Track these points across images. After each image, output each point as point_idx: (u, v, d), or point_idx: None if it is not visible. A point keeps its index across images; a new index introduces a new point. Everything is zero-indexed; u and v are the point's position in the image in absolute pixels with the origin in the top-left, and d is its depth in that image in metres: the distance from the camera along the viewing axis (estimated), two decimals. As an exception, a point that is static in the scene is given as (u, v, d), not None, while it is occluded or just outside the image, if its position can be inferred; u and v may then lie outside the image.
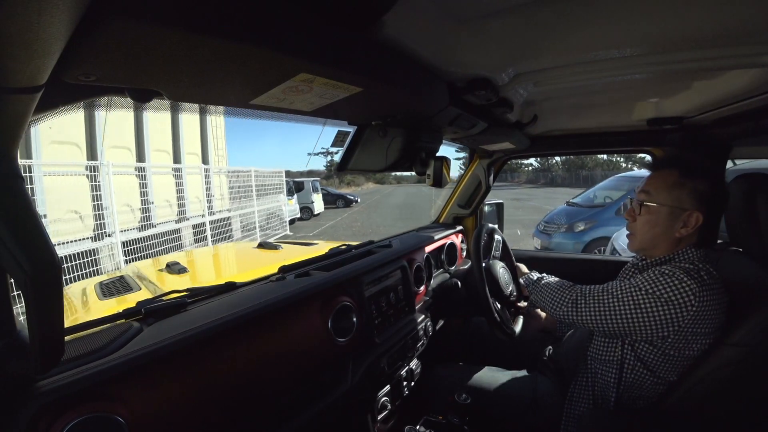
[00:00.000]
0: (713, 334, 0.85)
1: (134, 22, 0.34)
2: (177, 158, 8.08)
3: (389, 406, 1.23)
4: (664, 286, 0.84)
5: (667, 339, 0.85)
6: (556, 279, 1.12)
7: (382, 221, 12.44)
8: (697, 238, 0.92)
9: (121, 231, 5.30)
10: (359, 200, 19.34)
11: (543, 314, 1.34)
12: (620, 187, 5.81)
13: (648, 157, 1.63)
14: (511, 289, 1.38)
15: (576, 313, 0.95)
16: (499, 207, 2.10)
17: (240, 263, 2.10)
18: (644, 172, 1.06)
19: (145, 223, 6.37)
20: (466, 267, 1.51)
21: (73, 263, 4.34)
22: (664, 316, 0.83)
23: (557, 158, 44.19)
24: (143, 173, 6.19)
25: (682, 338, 0.84)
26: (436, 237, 1.72)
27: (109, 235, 5.09)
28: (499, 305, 1.31)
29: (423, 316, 1.43)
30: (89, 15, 0.32)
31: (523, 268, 1.40)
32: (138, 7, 0.34)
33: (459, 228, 2.00)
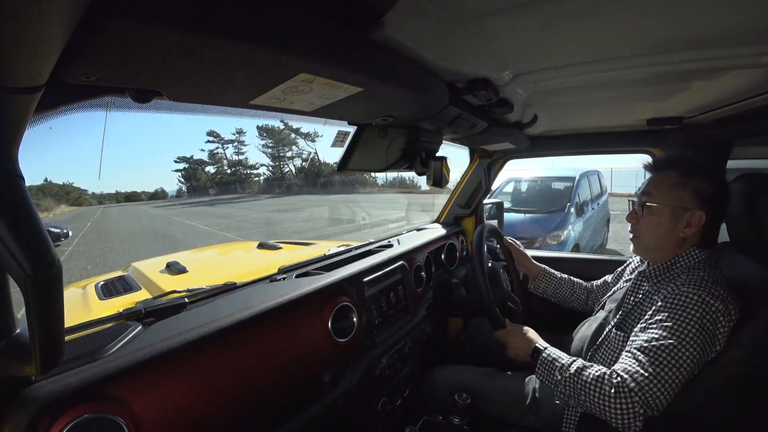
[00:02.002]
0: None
1: (134, 22, 0.34)
2: None
3: (389, 406, 1.23)
4: (703, 317, 0.80)
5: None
6: (579, 367, 0.88)
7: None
8: (700, 238, 0.93)
9: None
10: (70, 232, 11.96)
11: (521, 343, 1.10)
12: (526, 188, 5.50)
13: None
14: (509, 289, 1.38)
15: (626, 399, 0.78)
16: (499, 206, 2.10)
17: (240, 263, 2.10)
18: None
19: None
20: (466, 267, 1.51)
21: None
22: (709, 349, 0.81)
23: (291, 167, 44.79)
24: None
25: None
26: (436, 237, 1.72)
27: None
28: (500, 305, 1.31)
29: (423, 317, 1.43)
30: (89, 15, 0.32)
31: (528, 259, 1.36)
32: (138, 7, 0.34)
33: (459, 228, 2.00)
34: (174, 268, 1.63)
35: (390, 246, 1.49)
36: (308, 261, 1.28)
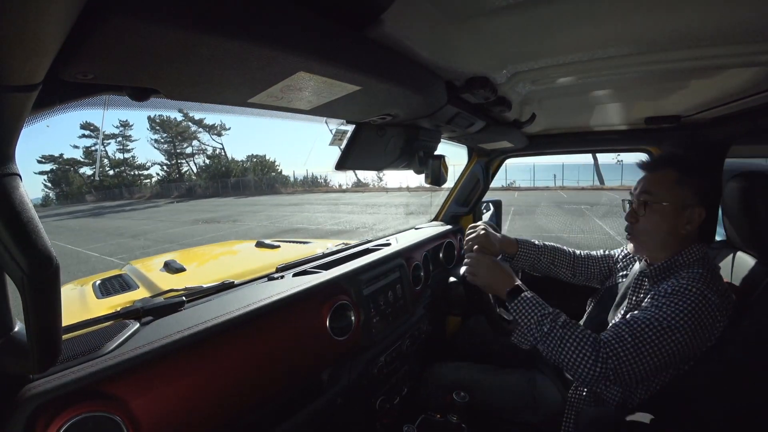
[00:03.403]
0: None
1: (132, 20, 0.34)
2: None
3: (387, 405, 1.24)
4: (698, 308, 0.81)
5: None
6: (566, 321, 0.90)
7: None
8: (698, 234, 0.95)
9: None
10: None
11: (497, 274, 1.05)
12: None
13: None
14: None
15: (602, 366, 0.81)
16: (497, 205, 2.11)
17: (238, 262, 2.10)
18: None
19: None
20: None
21: None
22: (699, 341, 0.82)
23: (192, 165, 38.91)
24: None
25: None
26: (434, 235, 1.73)
27: None
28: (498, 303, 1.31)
29: (421, 315, 1.43)
30: (87, 13, 0.32)
31: (499, 238, 1.25)
32: (136, 5, 0.34)
33: (457, 226, 2.01)
34: (172, 267, 1.62)
35: (388, 244, 1.49)
36: (306, 259, 1.28)
